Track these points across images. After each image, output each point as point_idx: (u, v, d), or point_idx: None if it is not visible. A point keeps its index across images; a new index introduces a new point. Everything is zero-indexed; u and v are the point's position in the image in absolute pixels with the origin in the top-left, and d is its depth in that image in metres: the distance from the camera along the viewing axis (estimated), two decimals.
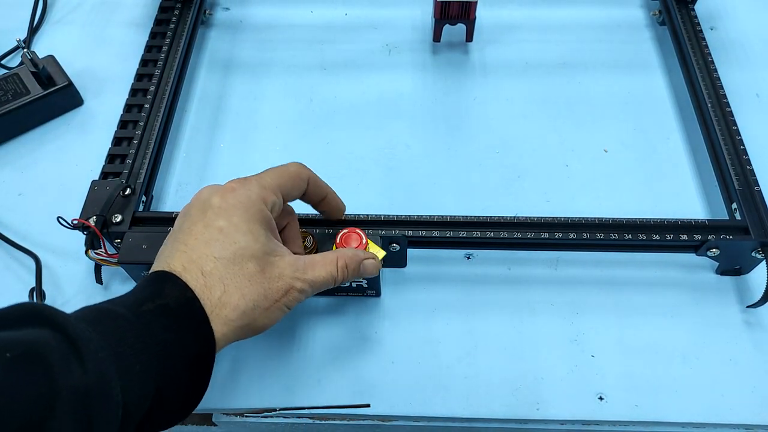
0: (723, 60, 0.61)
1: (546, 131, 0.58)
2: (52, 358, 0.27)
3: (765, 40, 0.65)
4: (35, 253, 0.50)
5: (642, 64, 0.64)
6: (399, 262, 0.49)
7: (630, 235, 0.46)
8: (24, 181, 0.56)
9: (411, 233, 0.46)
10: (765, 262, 0.46)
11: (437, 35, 0.63)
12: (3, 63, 0.64)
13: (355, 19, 0.68)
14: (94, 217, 0.46)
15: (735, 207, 0.49)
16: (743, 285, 0.49)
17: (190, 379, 0.33)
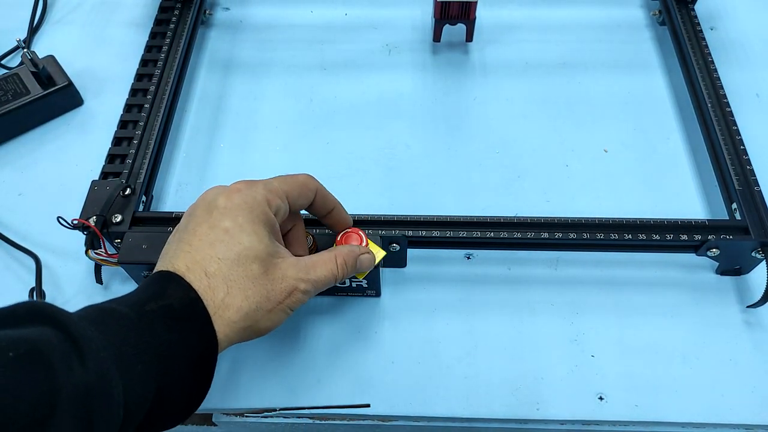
0: (723, 60, 0.61)
1: (546, 131, 0.59)
2: (53, 357, 0.27)
3: (765, 40, 0.65)
4: (35, 253, 0.50)
5: (642, 64, 0.64)
6: (399, 262, 0.49)
7: (630, 235, 0.46)
8: (24, 181, 0.56)
9: (411, 233, 0.46)
10: (765, 262, 0.46)
11: (437, 35, 0.63)
12: (3, 63, 0.64)
13: (355, 19, 0.68)
14: (94, 217, 0.46)
15: (735, 207, 0.49)
16: (743, 285, 0.49)
17: (192, 380, 0.33)
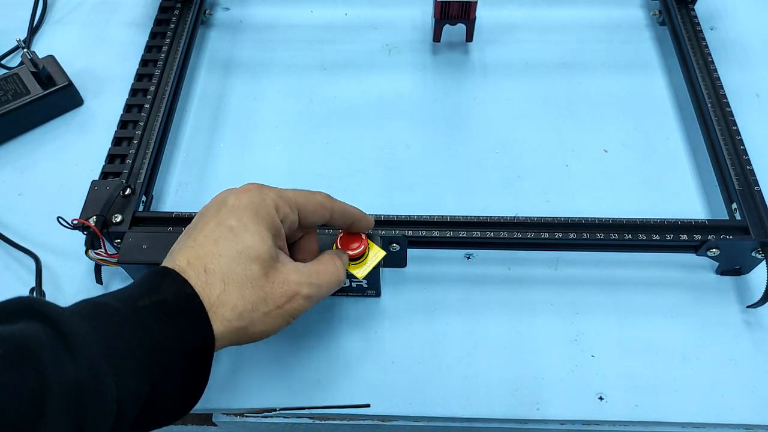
0: (723, 60, 0.61)
1: (546, 131, 0.58)
2: (43, 353, 0.26)
3: (765, 40, 0.65)
4: (35, 253, 0.50)
5: (642, 64, 0.64)
6: (399, 262, 0.49)
7: (630, 235, 0.46)
8: (24, 181, 0.56)
9: (411, 233, 0.46)
10: (765, 262, 0.46)
11: (437, 35, 0.63)
12: (3, 63, 0.64)
13: (355, 19, 0.68)
14: (94, 217, 0.46)
15: (735, 207, 0.49)
16: (743, 285, 0.49)
17: (187, 376, 0.32)
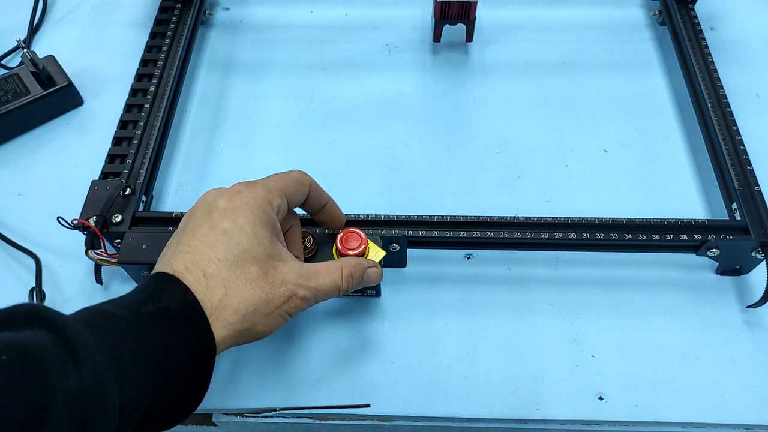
0: (723, 60, 0.61)
1: (546, 131, 0.58)
2: (47, 360, 0.27)
3: (765, 40, 0.65)
4: (35, 253, 0.50)
5: (642, 64, 0.64)
6: (399, 262, 0.49)
7: (630, 235, 0.46)
8: (24, 181, 0.56)
9: (411, 233, 0.46)
10: (765, 262, 0.46)
11: (437, 35, 0.63)
12: (3, 63, 0.64)
13: (355, 19, 0.68)
14: (94, 217, 0.46)
15: (735, 207, 0.49)
16: (743, 285, 0.49)
17: (188, 383, 0.32)
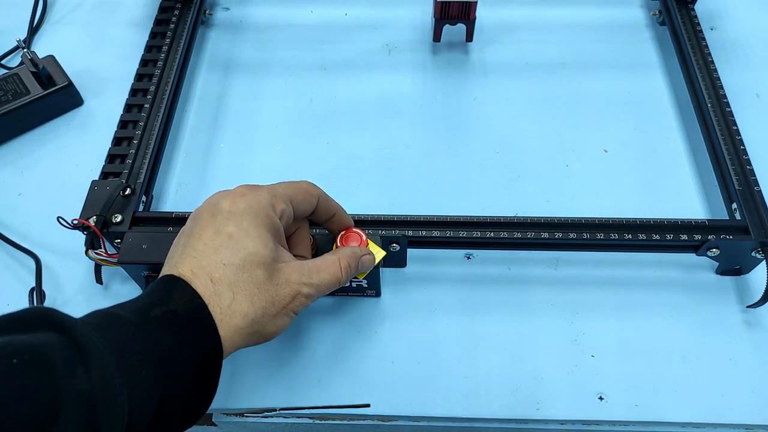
0: (723, 60, 0.61)
1: (546, 131, 0.58)
2: (57, 363, 0.27)
3: (765, 40, 0.65)
4: (35, 253, 0.50)
5: (642, 64, 0.64)
6: (399, 262, 0.49)
7: (630, 235, 0.46)
8: (24, 181, 0.56)
9: (411, 233, 0.46)
10: (765, 262, 0.46)
11: (437, 35, 0.63)
12: (3, 63, 0.64)
13: (355, 19, 0.68)
14: (94, 217, 0.46)
15: (735, 207, 0.49)
16: (743, 285, 0.49)
17: (196, 386, 0.33)
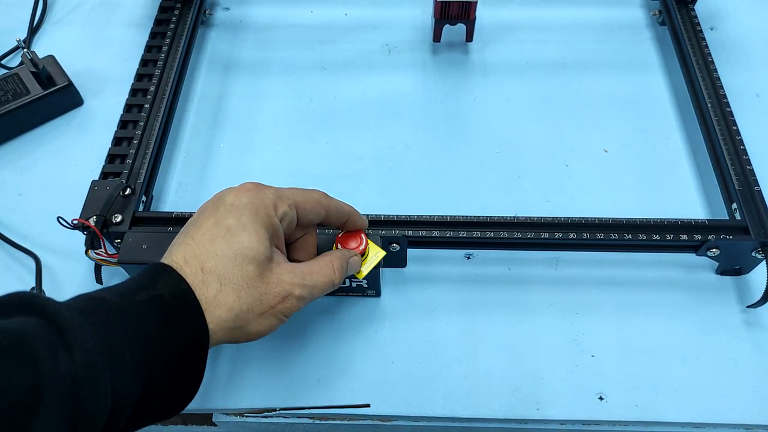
0: (723, 60, 0.61)
1: (546, 131, 0.58)
2: (39, 347, 0.27)
3: (765, 40, 0.65)
4: (35, 253, 0.50)
5: (642, 64, 0.64)
6: (399, 262, 0.49)
7: (630, 235, 0.46)
8: (24, 181, 0.56)
9: (411, 233, 0.46)
10: (765, 262, 0.46)
11: (437, 35, 0.63)
12: (3, 63, 0.64)
13: (355, 19, 0.68)
14: (94, 217, 0.46)
15: (735, 207, 0.49)
16: (743, 285, 0.49)
17: (182, 370, 0.33)
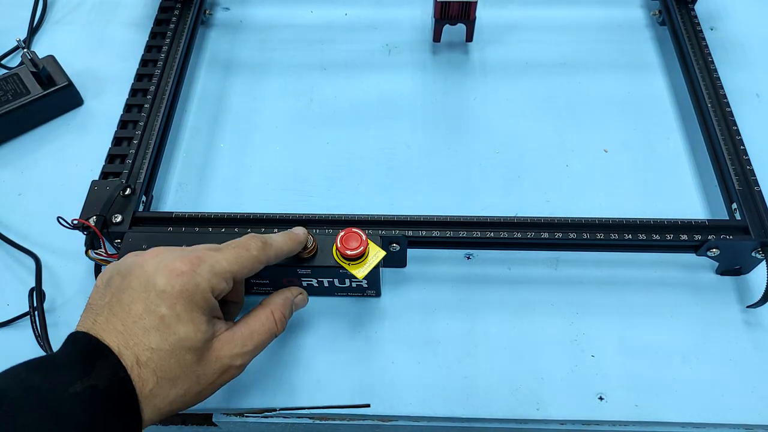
0: (723, 60, 0.61)
1: (546, 131, 0.58)
2: None
3: (765, 40, 0.65)
4: (35, 253, 0.50)
5: (642, 64, 0.64)
6: (399, 262, 0.49)
7: (630, 235, 0.46)
8: (24, 181, 0.56)
9: (411, 233, 0.46)
10: (765, 262, 0.46)
11: (437, 35, 0.63)
12: (3, 63, 0.64)
13: (355, 19, 0.68)
14: (94, 217, 0.46)
15: (735, 207, 0.49)
16: (743, 285, 0.49)
17: None
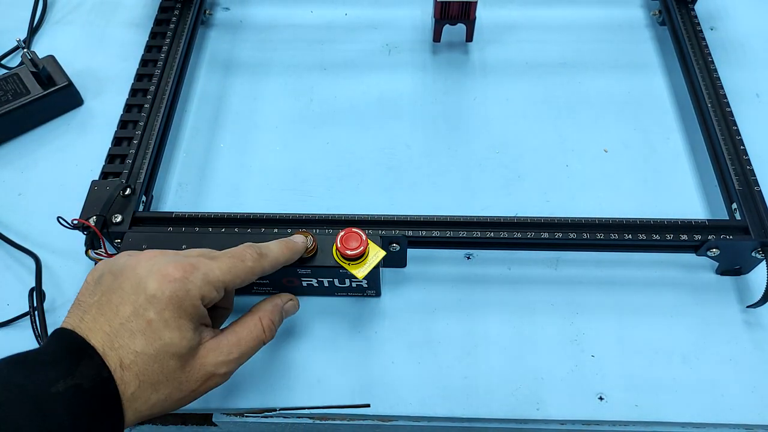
0: (723, 60, 0.61)
1: (546, 131, 0.58)
2: None
3: (765, 40, 0.65)
4: (35, 253, 0.50)
5: (642, 64, 0.64)
6: (399, 262, 0.49)
7: (630, 235, 0.46)
8: (24, 181, 0.56)
9: (411, 233, 0.46)
10: (765, 262, 0.46)
11: (437, 35, 0.63)
12: (3, 63, 0.64)
13: (355, 19, 0.68)
14: (94, 217, 0.46)
15: (735, 207, 0.49)
16: (743, 285, 0.49)
17: None
